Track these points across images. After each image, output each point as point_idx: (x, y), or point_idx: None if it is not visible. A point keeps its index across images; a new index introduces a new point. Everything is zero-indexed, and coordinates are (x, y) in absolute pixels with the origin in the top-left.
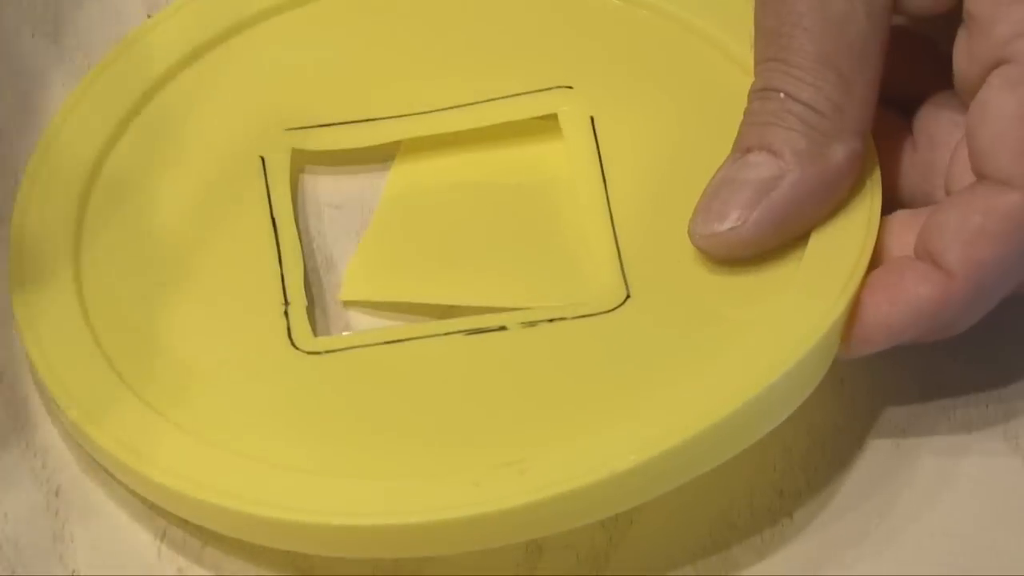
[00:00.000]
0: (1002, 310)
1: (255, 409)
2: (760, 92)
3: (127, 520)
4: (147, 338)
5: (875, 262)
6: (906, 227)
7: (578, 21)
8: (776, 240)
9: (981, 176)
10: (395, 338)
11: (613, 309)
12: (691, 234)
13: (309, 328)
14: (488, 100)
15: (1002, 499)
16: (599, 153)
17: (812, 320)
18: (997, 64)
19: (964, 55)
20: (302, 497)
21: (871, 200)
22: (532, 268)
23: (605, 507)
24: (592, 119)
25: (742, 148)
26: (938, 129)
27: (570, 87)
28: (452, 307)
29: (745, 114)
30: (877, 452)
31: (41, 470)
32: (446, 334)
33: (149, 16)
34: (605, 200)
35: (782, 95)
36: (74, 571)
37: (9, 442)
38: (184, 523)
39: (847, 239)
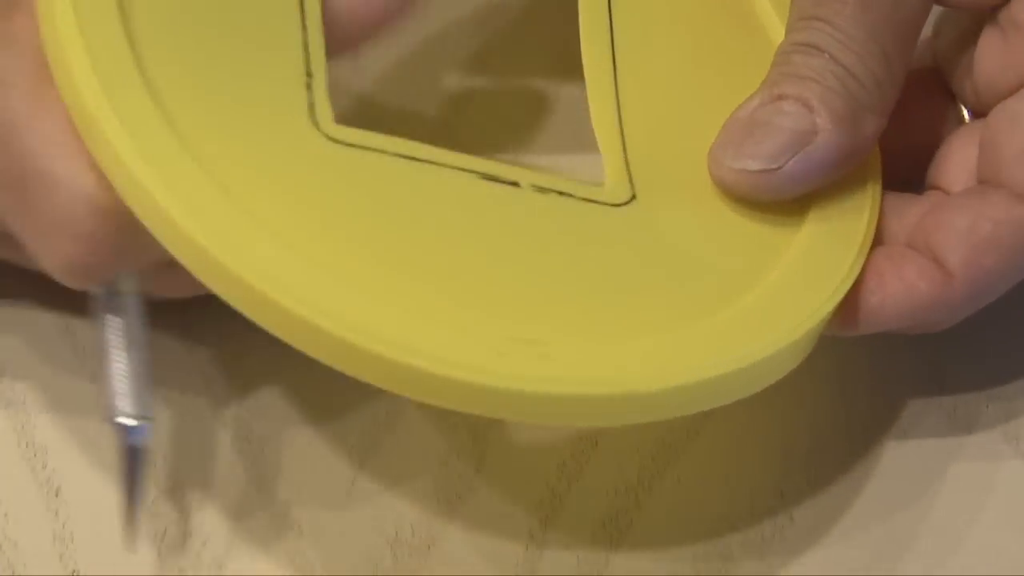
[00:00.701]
0: (1002, 310)
1: (273, 181)
2: (802, 46)
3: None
4: (187, 78)
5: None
6: (893, 211)
7: None
8: (797, 193)
9: (994, 184)
10: (414, 154)
11: (618, 205)
12: (715, 164)
13: (331, 111)
14: None
15: (1002, 499)
16: (612, 37)
17: (819, 294)
18: None
19: (996, 59)
20: (317, 295)
21: (875, 180)
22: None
23: (614, 418)
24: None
25: (774, 94)
26: (927, 119)
27: None
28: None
29: (779, 62)
30: (877, 452)
31: (41, 470)
32: (462, 169)
33: None
34: (615, 91)
35: (827, 55)
36: (74, 571)
37: (9, 442)
38: (184, 523)
39: (853, 216)
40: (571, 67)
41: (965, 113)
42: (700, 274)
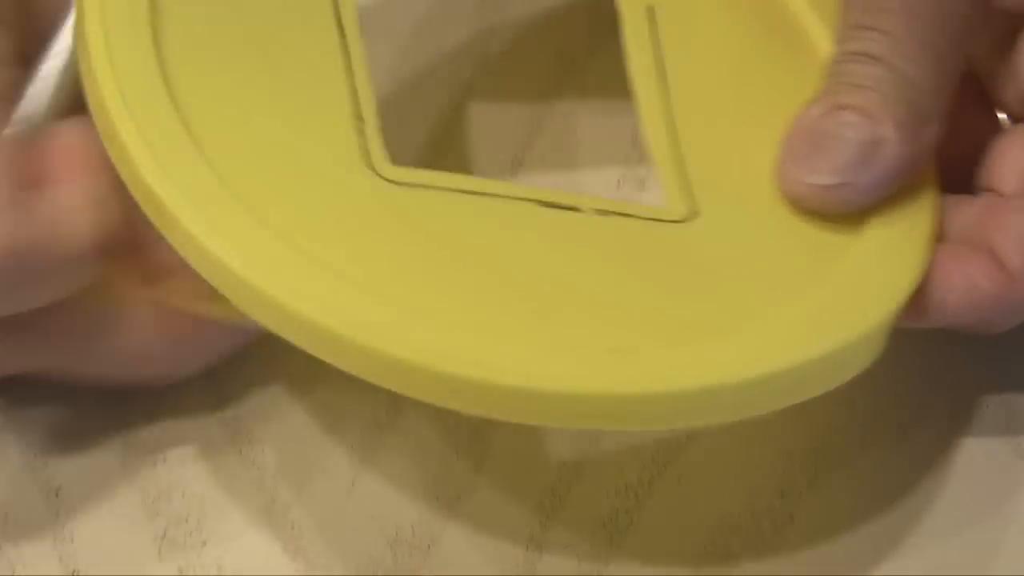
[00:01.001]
0: None
1: (334, 223)
2: (858, 55)
3: (127, 520)
4: (231, 127)
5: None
6: (950, 211)
7: None
8: (868, 204)
9: None
10: (473, 189)
11: (680, 221)
12: (785, 179)
13: (386, 153)
14: None
15: (1002, 499)
16: (658, 49)
17: (895, 281)
18: None
19: None
20: (391, 328)
21: (932, 179)
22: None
23: (705, 415)
24: (652, 9)
25: (834, 104)
26: (966, 125)
27: None
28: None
29: (835, 72)
30: (877, 452)
31: (42, 470)
32: (521, 199)
33: None
34: (667, 105)
35: (884, 64)
36: (74, 571)
37: (10, 442)
38: (185, 522)
39: (916, 214)
40: (567, 79)
41: (1005, 118)
42: (770, 275)
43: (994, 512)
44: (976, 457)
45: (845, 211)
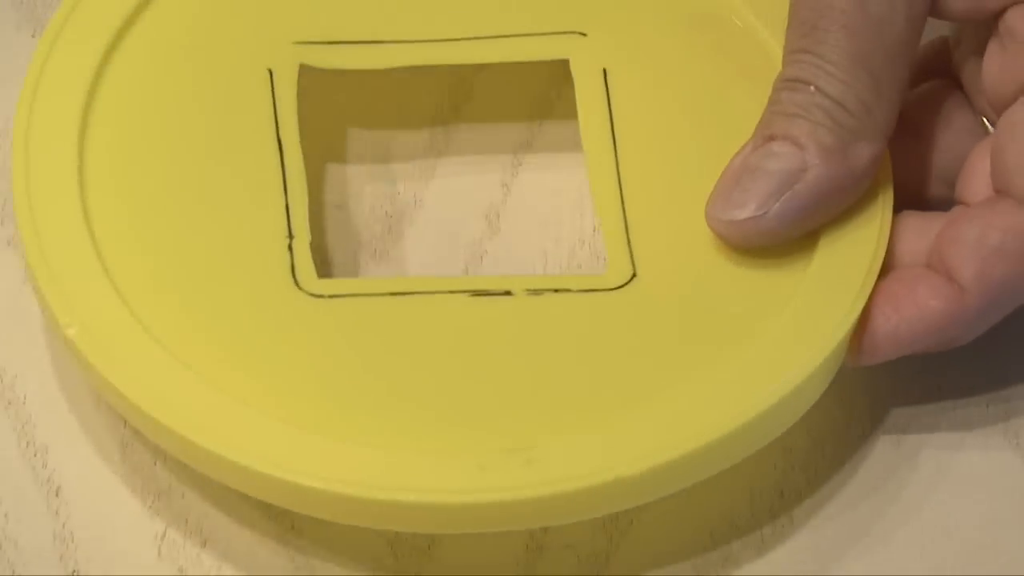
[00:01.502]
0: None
1: (255, 351)
2: (789, 82)
3: (127, 520)
4: (152, 261)
5: (884, 267)
6: (916, 232)
7: None
8: (794, 234)
9: (1003, 193)
10: (401, 290)
11: (618, 287)
12: (708, 218)
13: (313, 268)
14: (500, 36)
15: (1002, 499)
16: (611, 110)
17: (823, 331)
18: None
19: (996, 68)
20: (295, 455)
21: (883, 206)
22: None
23: (609, 506)
24: (605, 71)
25: (765, 135)
26: (948, 133)
27: (584, 34)
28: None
29: (770, 102)
30: (877, 452)
31: (41, 470)
32: (451, 292)
33: None
34: (615, 166)
35: (812, 88)
36: (74, 571)
37: (9, 442)
38: (185, 522)
39: (859, 245)
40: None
41: (988, 126)
42: (701, 333)
43: (994, 512)
44: (976, 457)
45: (773, 243)
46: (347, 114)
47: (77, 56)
